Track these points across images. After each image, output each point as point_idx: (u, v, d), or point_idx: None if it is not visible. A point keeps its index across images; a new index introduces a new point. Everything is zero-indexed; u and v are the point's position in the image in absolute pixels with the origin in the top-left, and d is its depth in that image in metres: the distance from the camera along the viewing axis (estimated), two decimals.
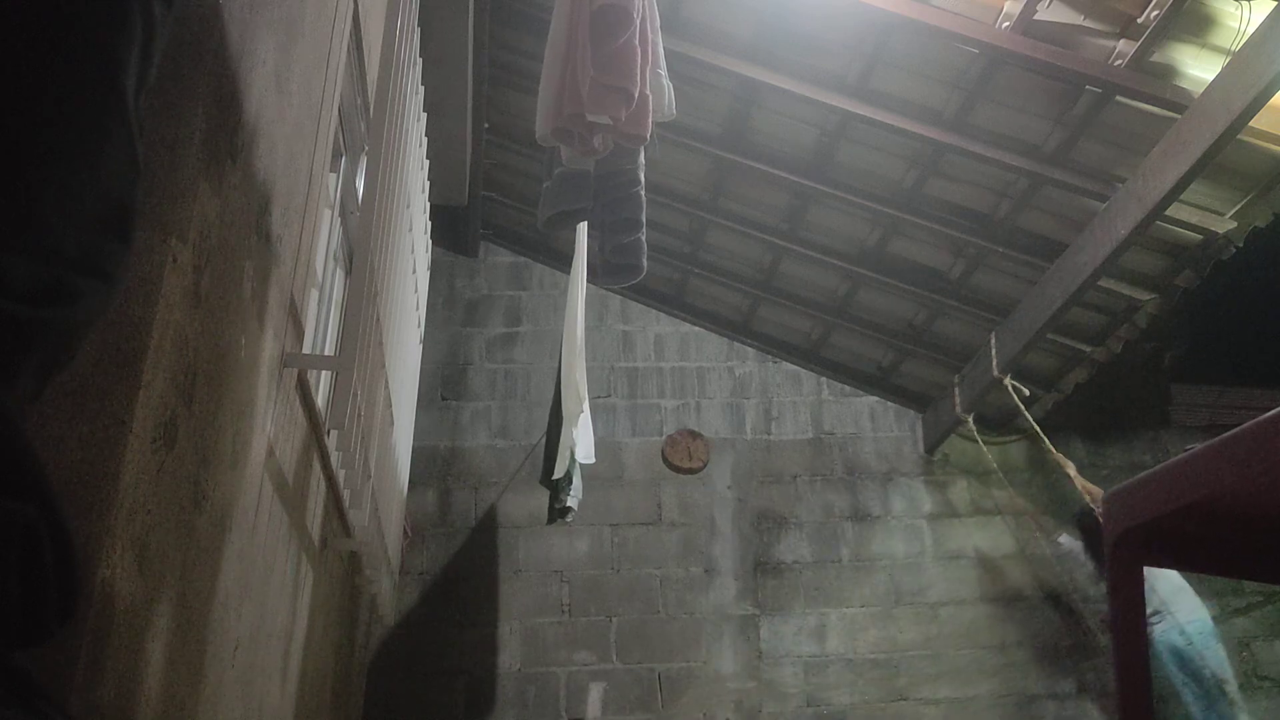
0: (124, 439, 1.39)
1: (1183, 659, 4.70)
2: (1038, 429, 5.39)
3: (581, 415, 4.83)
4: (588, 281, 4.87)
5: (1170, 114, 3.97)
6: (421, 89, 4.30)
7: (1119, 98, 4.07)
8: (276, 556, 2.60)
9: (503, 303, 6.70)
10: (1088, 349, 5.52)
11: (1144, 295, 4.96)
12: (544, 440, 5.42)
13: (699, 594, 6.02)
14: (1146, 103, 4.04)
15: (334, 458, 3.13)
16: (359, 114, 3.54)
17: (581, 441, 4.94)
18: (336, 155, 3.51)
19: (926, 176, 4.96)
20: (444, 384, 6.40)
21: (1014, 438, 6.24)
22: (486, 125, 5.84)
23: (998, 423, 6.23)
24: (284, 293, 2.38)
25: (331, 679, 3.98)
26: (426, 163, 4.80)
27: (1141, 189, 4.09)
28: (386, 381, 3.70)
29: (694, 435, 6.38)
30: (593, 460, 5.18)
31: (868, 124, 4.75)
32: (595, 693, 5.73)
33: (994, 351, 5.48)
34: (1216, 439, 1.25)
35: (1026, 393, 5.43)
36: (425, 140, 4.64)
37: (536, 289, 6.76)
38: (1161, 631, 4.74)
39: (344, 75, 3.05)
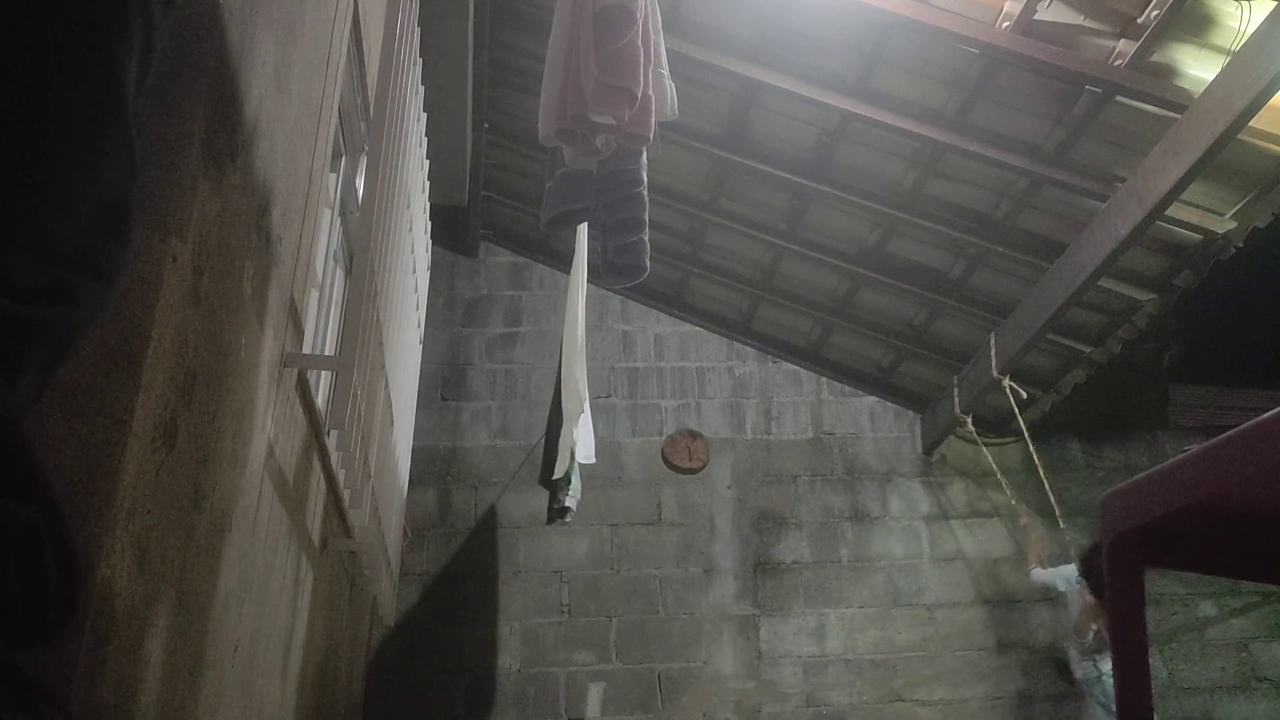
0: (124, 439, 1.39)
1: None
2: (1028, 439, 5.39)
3: (582, 415, 4.83)
4: (590, 281, 4.86)
5: (1170, 114, 3.97)
6: (421, 89, 4.30)
7: (1119, 98, 4.07)
8: (276, 556, 2.60)
9: (503, 303, 6.70)
10: (1087, 349, 5.51)
11: (1144, 295, 4.96)
12: (544, 440, 5.42)
13: (699, 594, 6.02)
14: (1146, 103, 4.04)
15: (334, 458, 3.13)
16: (359, 114, 3.54)
17: (582, 441, 4.94)
18: (336, 155, 3.51)
19: (926, 176, 4.96)
20: (444, 384, 6.40)
21: (1011, 439, 6.23)
22: (486, 125, 5.84)
23: (996, 424, 6.23)
24: (284, 293, 2.38)
25: (331, 679, 3.98)
26: (426, 163, 4.80)
27: (1141, 189, 4.09)
28: (386, 381, 3.70)
29: (694, 435, 6.38)
30: (593, 460, 5.18)
31: (868, 124, 4.75)
32: (595, 693, 5.73)
33: (993, 352, 5.48)
34: (1214, 440, 1.25)
35: (1024, 395, 5.42)
36: (425, 140, 4.64)
37: (536, 289, 6.76)
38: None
39: (344, 75, 3.05)
